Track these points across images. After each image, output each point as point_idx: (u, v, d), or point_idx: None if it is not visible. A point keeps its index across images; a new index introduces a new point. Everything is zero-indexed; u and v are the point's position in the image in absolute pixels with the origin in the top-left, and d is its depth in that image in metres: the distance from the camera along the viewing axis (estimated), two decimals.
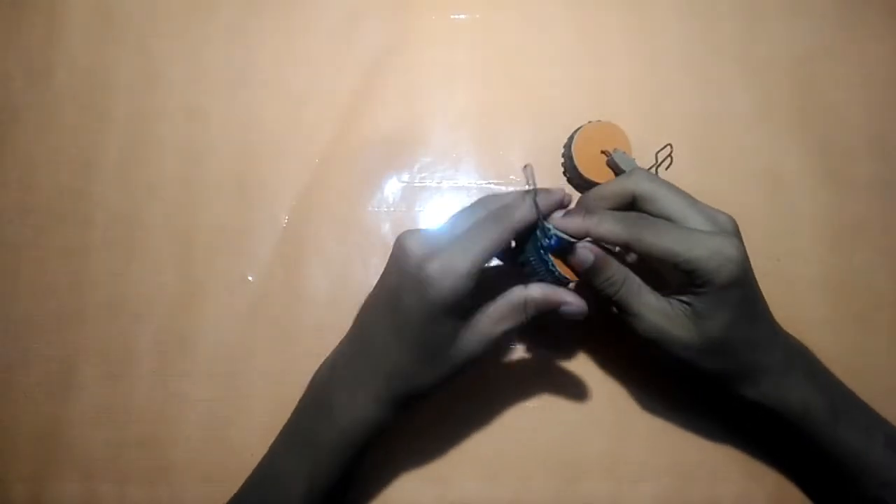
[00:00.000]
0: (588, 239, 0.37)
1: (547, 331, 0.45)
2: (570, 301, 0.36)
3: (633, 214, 0.37)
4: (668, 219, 0.37)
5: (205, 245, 0.48)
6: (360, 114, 0.50)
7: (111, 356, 0.46)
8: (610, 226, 0.36)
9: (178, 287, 0.47)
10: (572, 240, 0.37)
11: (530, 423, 0.45)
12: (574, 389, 0.45)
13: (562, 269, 0.37)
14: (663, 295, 0.37)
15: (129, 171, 0.49)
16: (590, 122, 0.47)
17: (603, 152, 0.46)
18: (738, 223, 0.46)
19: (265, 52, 0.51)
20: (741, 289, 0.36)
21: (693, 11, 0.52)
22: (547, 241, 0.37)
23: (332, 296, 0.47)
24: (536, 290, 0.36)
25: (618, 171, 0.46)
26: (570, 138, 0.47)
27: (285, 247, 0.48)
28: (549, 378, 0.45)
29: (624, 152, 0.45)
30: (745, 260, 0.36)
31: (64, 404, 0.45)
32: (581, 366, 0.46)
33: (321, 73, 0.51)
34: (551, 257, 0.37)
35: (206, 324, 0.46)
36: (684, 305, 0.37)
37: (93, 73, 0.50)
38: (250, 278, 0.47)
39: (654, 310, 0.37)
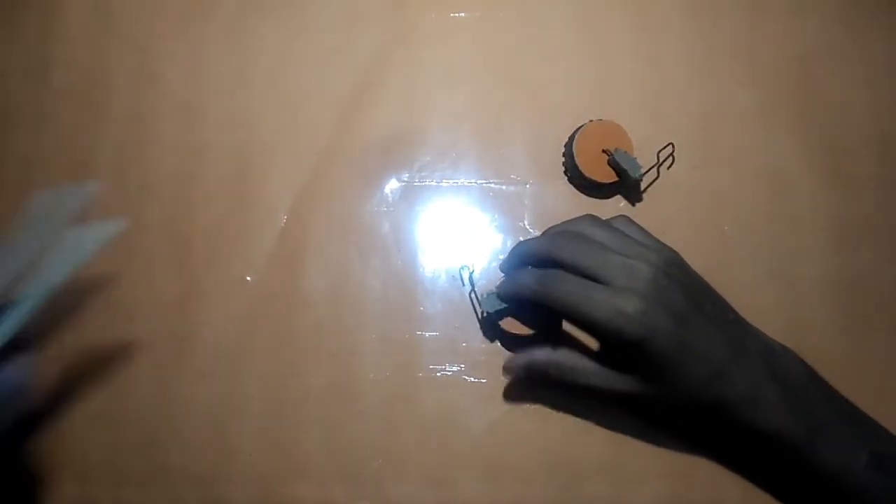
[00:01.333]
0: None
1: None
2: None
3: (551, 272, 0.38)
4: (587, 274, 0.37)
5: (203, 245, 0.47)
6: (360, 113, 0.49)
7: (108, 357, 0.45)
8: (524, 279, 0.39)
9: (176, 287, 0.47)
10: (502, 305, 0.41)
11: (531, 425, 0.44)
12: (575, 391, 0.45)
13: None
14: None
15: (126, 170, 0.49)
16: (591, 120, 0.47)
17: (604, 151, 0.46)
18: (740, 223, 0.46)
19: (264, 51, 0.51)
20: (654, 342, 0.35)
21: (695, 10, 0.51)
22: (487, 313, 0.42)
23: (332, 296, 0.46)
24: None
25: (619, 170, 0.45)
26: (571, 137, 0.47)
27: (284, 247, 0.47)
28: (549, 379, 0.45)
29: (625, 151, 0.45)
30: (646, 313, 0.35)
31: (62, 405, 0.45)
32: None
33: (320, 71, 0.50)
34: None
35: (204, 324, 0.46)
36: (616, 361, 0.37)
37: (90, 73, 0.50)
38: (249, 278, 0.47)
39: (595, 374, 0.38)
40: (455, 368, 0.45)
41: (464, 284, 0.45)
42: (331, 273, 0.47)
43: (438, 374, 0.45)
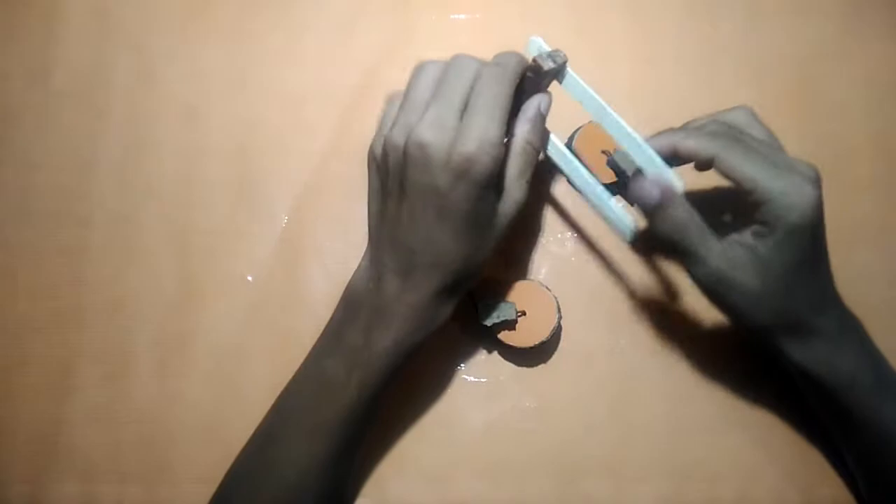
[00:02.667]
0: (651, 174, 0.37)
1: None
2: (539, 100, 0.38)
3: (728, 132, 0.37)
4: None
5: (204, 245, 0.47)
6: (360, 113, 0.49)
7: (110, 357, 0.46)
8: (698, 140, 0.36)
9: (177, 287, 0.47)
10: (500, 318, 0.41)
11: (531, 424, 0.45)
12: (574, 389, 0.45)
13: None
14: (725, 237, 0.36)
15: (127, 171, 0.49)
16: (590, 121, 0.47)
17: (603, 152, 0.46)
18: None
19: (264, 52, 0.51)
20: (810, 236, 0.35)
21: (693, 11, 0.51)
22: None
23: (332, 296, 0.46)
24: (524, 125, 0.38)
25: (618, 171, 0.45)
26: (571, 138, 0.47)
27: (285, 247, 0.47)
28: (549, 378, 0.45)
29: (625, 152, 0.45)
30: (820, 207, 0.35)
31: (63, 405, 0.45)
32: (581, 366, 0.45)
33: (321, 72, 0.50)
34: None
35: (204, 324, 0.46)
36: (747, 249, 0.36)
37: (91, 73, 0.50)
38: (249, 278, 0.47)
39: (717, 254, 0.36)
40: (455, 368, 0.45)
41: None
42: (331, 273, 0.47)
43: (438, 374, 0.45)
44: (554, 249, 0.47)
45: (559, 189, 0.49)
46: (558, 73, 0.39)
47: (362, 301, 0.39)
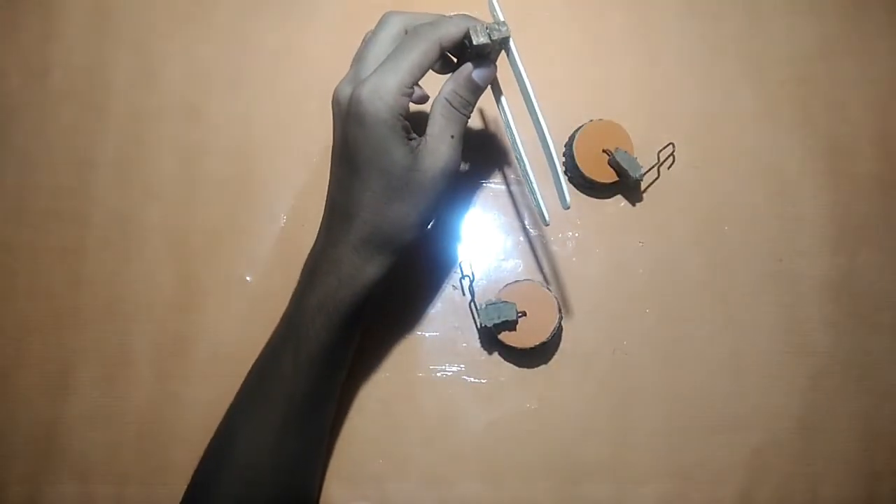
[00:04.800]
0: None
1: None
2: (478, 66, 0.38)
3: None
4: None
5: (203, 245, 0.47)
6: None
7: (108, 357, 0.45)
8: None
9: (176, 287, 0.46)
10: (501, 319, 0.41)
11: (531, 425, 0.44)
12: (575, 390, 0.45)
13: None
14: None
15: (126, 170, 0.48)
16: (591, 120, 0.47)
17: (605, 151, 0.46)
18: (741, 222, 0.46)
19: (263, 51, 0.51)
20: None
21: (695, 10, 0.51)
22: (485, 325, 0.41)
23: None
24: (447, 85, 0.38)
25: (619, 170, 0.45)
26: (572, 137, 0.47)
27: (284, 247, 0.47)
28: (549, 379, 0.45)
29: (626, 151, 0.45)
30: None
31: (61, 405, 0.45)
32: (582, 367, 0.45)
33: (320, 71, 0.50)
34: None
35: (204, 324, 0.46)
36: None
37: (90, 72, 0.50)
38: (248, 279, 0.47)
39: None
40: (455, 368, 0.45)
41: (464, 294, 0.45)
42: None
43: (438, 374, 0.45)
44: (554, 249, 0.47)
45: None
46: (504, 46, 0.39)
47: (303, 266, 0.41)
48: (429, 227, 0.38)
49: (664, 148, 0.45)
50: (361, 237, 0.37)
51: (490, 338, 0.44)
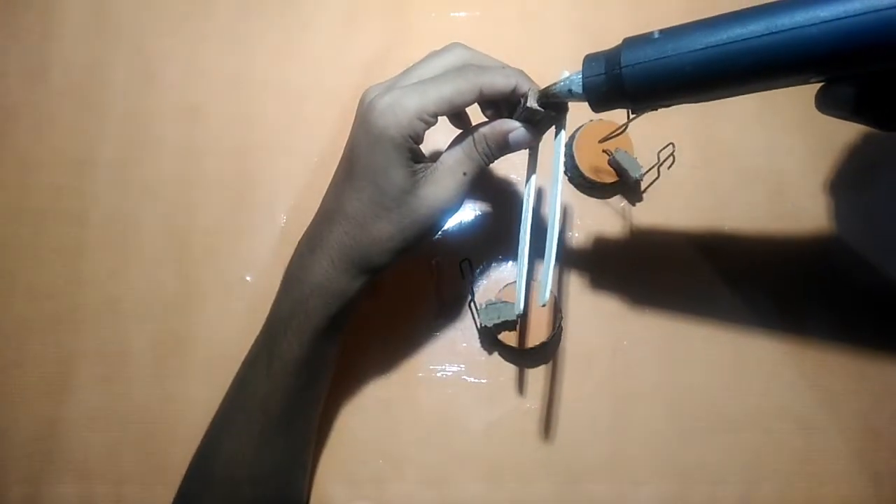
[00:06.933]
0: None
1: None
2: (516, 127, 0.37)
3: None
4: None
5: (203, 245, 0.47)
6: None
7: (108, 357, 0.45)
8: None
9: (176, 287, 0.46)
10: (501, 319, 0.41)
11: (531, 425, 0.44)
12: (575, 391, 0.45)
13: None
14: None
15: (126, 170, 0.48)
16: (591, 120, 0.47)
17: (604, 151, 0.46)
18: (740, 222, 0.46)
19: (263, 51, 0.51)
20: None
21: (694, 9, 0.51)
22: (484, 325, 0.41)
23: None
24: (484, 127, 0.37)
25: (619, 170, 0.45)
26: (572, 137, 0.47)
27: (284, 247, 0.47)
28: (549, 379, 0.45)
29: (626, 151, 0.45)
30: None
31: (61, 405, 0.45)
32: (582, 367, 0.45)
33: (320, 71, 0.50)
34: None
35: (203, 324, 0.46)
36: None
37: (89, 72, 0.50)
38: (248, 278, 0.47)
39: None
40: (455, 368, 0.45)
41: (463, 277, 0.45)
42: None
43: (438, 374, 0.45)
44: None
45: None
46: (556, 124, 0.38)
47: (285, 273, 0.40)
48: (404, 256, 0.37)
49: (664, 148, 0.45)
50: (340, 247, 0.36)
51: (490, 338, 0.44)
